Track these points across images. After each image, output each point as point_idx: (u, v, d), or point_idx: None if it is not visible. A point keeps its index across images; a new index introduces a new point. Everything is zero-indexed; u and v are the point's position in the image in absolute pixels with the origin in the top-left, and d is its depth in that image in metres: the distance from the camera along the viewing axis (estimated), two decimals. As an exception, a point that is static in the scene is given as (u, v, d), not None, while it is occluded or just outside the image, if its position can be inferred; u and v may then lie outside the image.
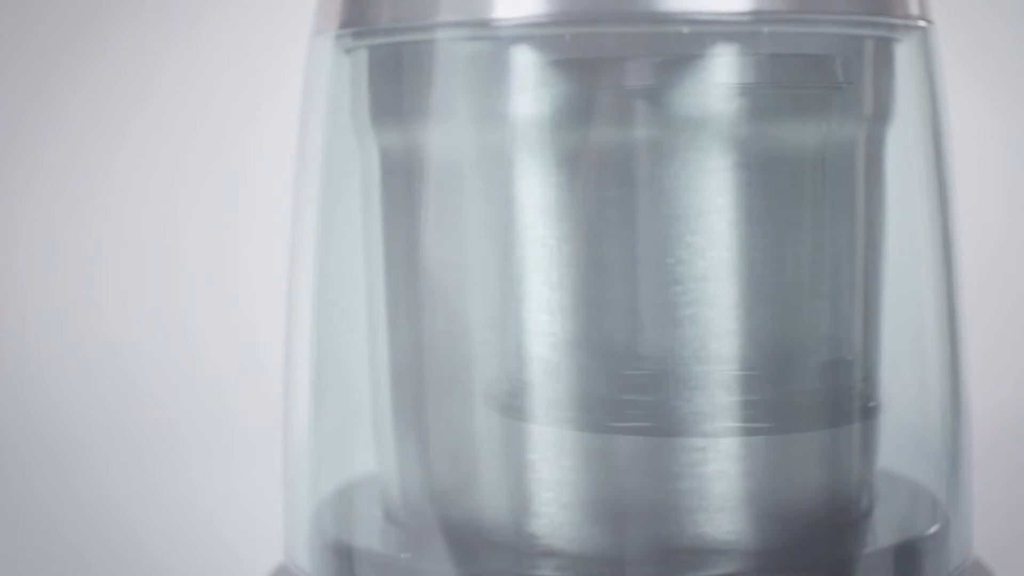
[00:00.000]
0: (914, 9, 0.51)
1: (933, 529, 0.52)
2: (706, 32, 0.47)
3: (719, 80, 0.47)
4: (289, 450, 0.55)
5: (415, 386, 0.51)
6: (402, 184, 0.50)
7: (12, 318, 0.90)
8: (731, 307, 0.48)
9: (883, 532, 0.52)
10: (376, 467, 0.54)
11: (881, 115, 0.51)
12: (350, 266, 0.53)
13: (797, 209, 0.49)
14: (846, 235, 0.50)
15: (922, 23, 0.52)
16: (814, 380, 0.50)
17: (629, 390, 0.48)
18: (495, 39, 0.48)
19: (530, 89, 0.47)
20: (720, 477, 0.49)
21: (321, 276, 0.54)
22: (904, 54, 0.52)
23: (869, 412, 0.52)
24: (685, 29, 0.47)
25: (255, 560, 0.60)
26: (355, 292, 0.53)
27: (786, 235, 0.49)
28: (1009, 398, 0.89)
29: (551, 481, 0.49)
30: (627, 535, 0.49)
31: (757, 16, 0.47)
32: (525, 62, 0.48)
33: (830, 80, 0.49)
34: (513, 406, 0.49)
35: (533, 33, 0.47)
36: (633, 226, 0.48)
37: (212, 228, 0.92)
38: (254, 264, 0.87)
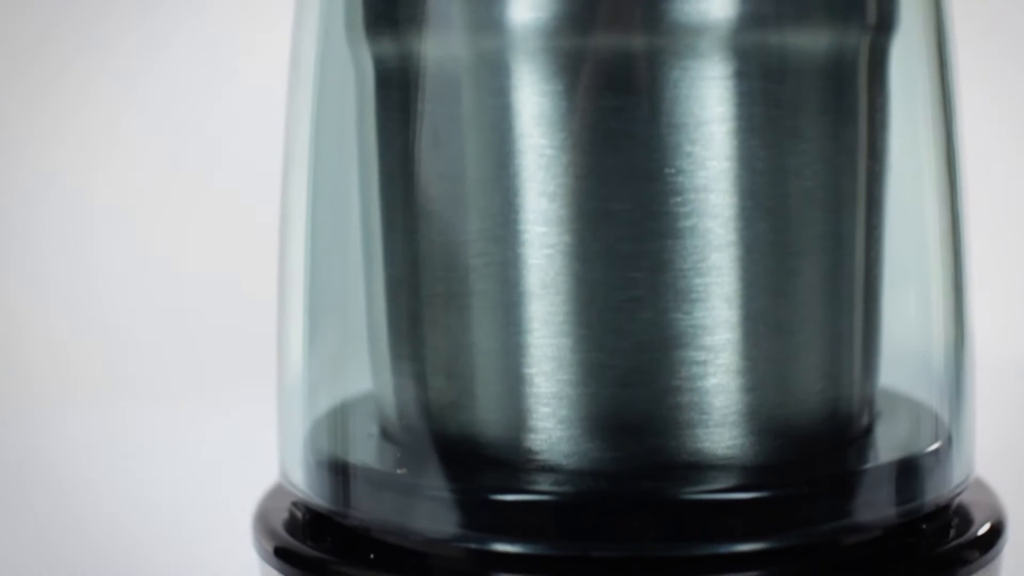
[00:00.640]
0: None
1: (935, 446, 0.51)
2: None
3: None
4: (283, 368, 0.54)
5: (411, 301, 0.50)
6: (397, 95, 0.50)
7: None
8: (731, 218, 0.47)
9: (884, 449, 0.51)
10: (372, 385, 0.54)
11: (885, 25, 0.50)
12: (345, 179, 0.52)
13: (799, 119, 0.48)
14: (848, 146, 0.49)
15: None
16: (814, 293, 0.49)
17: (628, 303, 0.48)
18: None
19: (528, -5, 0.47)
20: (720, 391, 0.48)
21: (315, 190, 0.53)
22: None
23: (871, 325, 0.51)
24: None
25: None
26: (350, 206, 0.52)
27: (787, 145, 0.48)
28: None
29: (548, 395, 0.48)
30: (625, 450, 0.48)
31: None
32: (522, -32, 0.47)
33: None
34: (509, 320, 0.48)
35: None
36: (632, 136, 0.47)
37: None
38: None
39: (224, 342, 0.91)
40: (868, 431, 0.52)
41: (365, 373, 0.54)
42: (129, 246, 0.93)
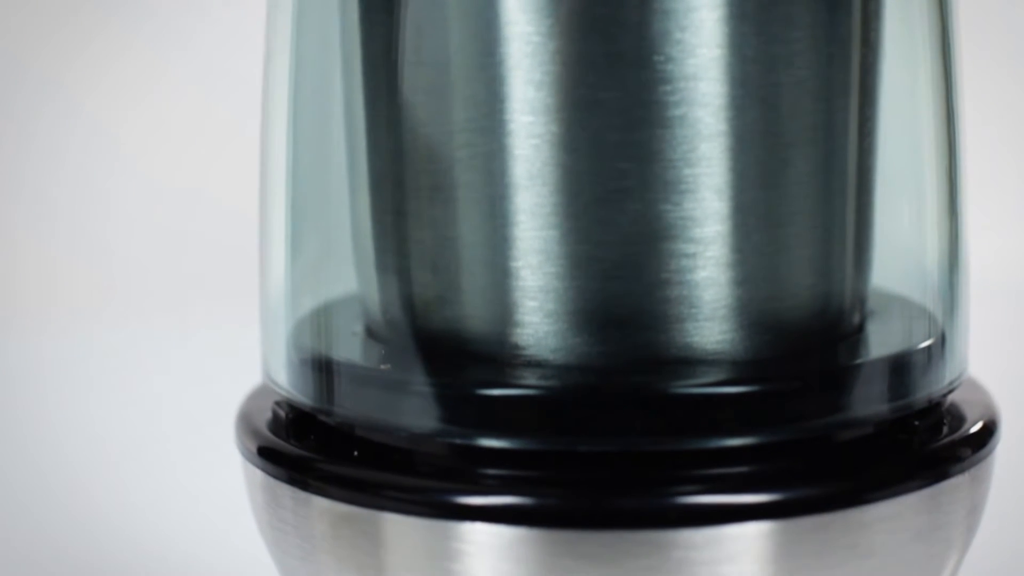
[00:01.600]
0: None
1: (927, 343, 0.50)
2: None
3: None
4: (266, 269, 0.54)
5: (395, 194, 0.49)
6: (380, -20, 0.48)
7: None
8: (722, 107, 0.46)
9: (876, 345, 0.50)
10: (356, 285, 0.53)
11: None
12: (326, 69, 0.51)
13: (791, 6, 0.47)
14: (842, 35, 0.48)
15: None
16: (806, 185, 0.48)
17: (616, 194, 0.47)
18: None
19: None
20: (709, 285, 0.47)
21: (296, 83, 0.52)
22: None
23: (863, 219, 0.50)
24: None
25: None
26: (332, 99, 0.51)
27: (779, 33, 0.47)
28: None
29: (534, 289, 0.48)
30: (613, 345, 0.47)
31: None
32: None
33: None
34: (495, 212, 0.47)
35: None
36: (621, 22, 0.46)
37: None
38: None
39: (221, 259, 0.91)
40: (860, 328, 0.51)
41: (350, 274, 0.53)
42: (134, 169, 0.93)
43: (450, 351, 0.49)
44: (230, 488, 0.57)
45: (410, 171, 0.49)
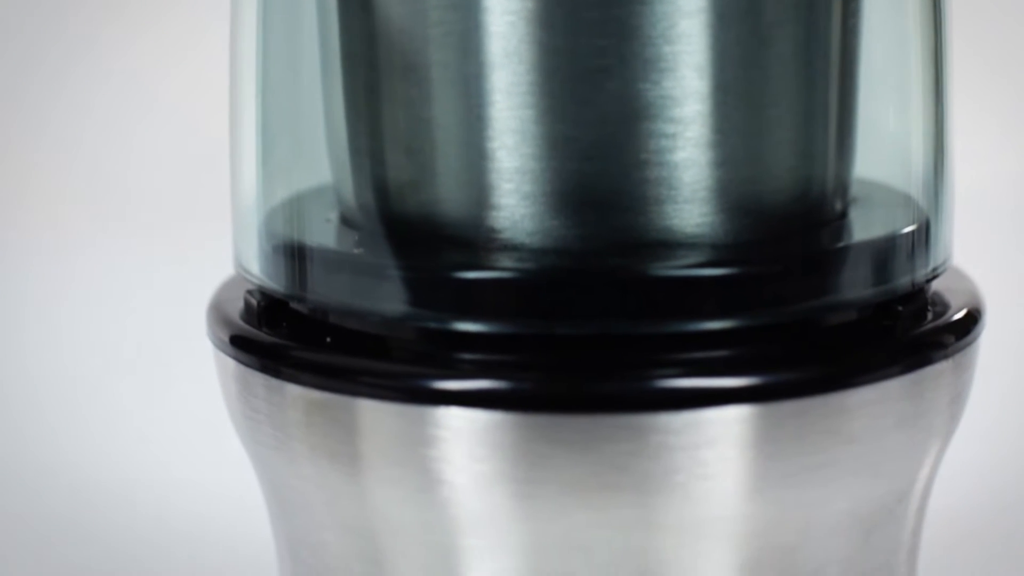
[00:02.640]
0: None
1: (910, 228, 0.50)
2: None
3: None
4: (237, 156, 0.52)
5: (368, 75, 0.48)
6: None
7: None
8: None
9: (859, 230, 0.49)
10: (330, 175, 0.52)
11: None
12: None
13: None
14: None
15: None
16: (789, 65, 0.47)
17: (594, 72, 0.46)
18: None
19: None
20: (689, 166, 0.46)
21: None
22: None
23: (846, 102, 0.49)
24: None
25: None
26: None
27: (761, -94, 0.46)
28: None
29: (511, 171, 0.46)
30: (591, 227, 0.46)
31: None
32: None
33: None
34: (470, 92, 0.46)
35: None
36: None
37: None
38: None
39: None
40: (843, 214, 0.50)
41: (323, 164, 0.52)
42: (167, 119, 0.91)
43: (425, 235, 0.48)
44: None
45: (383, 51, 0.48)
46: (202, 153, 0.82)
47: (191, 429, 0.79)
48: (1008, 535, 0.72)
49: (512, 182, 0.47)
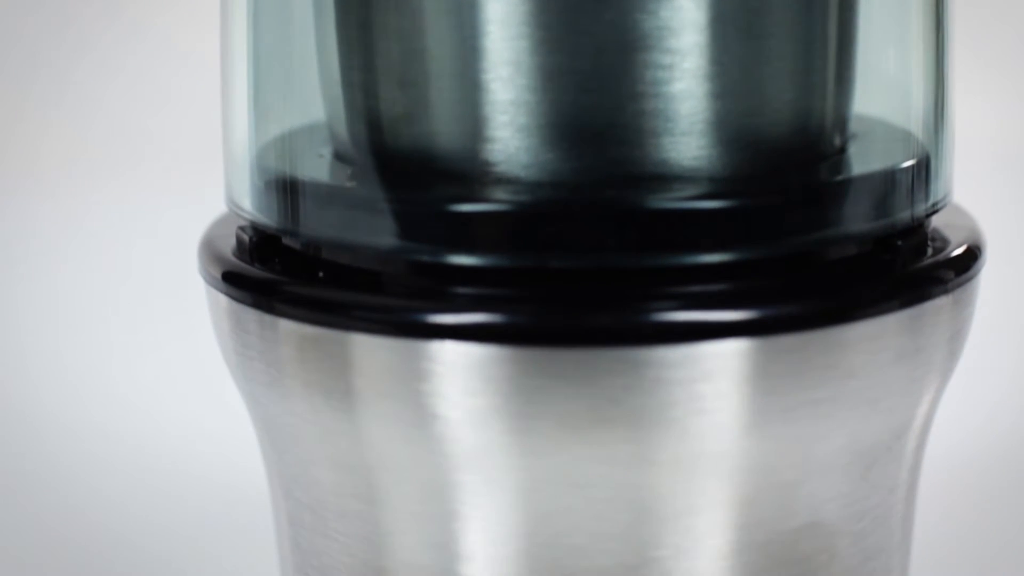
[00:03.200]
0: None
1: (909, 163, 0.49)
2: None
3: None
4: (229, 91, 0.52)
5: (360, 6, 0.47)
6: None
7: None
8: None
9: (858, 164, 0.49)
10: (323, 111, 0.51)
11: None
12: None
13: None
14: None
15: None
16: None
17: (590, 1, 0.45)
18: None
19: None
20: (686, 98, 0.46)
21: None
22: None
23: (846, 34, 0.48)
24: None
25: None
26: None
27: None
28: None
29: (505, 103, 0.46)
30: (587, 160, 0.46)
31: None
32: None
33: None
34: (464, 22, 0.46)
35: None
36: None
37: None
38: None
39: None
40: (842, 150, 0.50)
41: (316, 101, 0.51)
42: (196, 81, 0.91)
43: (419, 169, 0.47)
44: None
45: None
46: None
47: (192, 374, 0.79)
48: (1006, 483, 0.72)
49: (507, 114, 0.46)
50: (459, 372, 0.45)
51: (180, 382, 0.79)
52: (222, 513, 0.71)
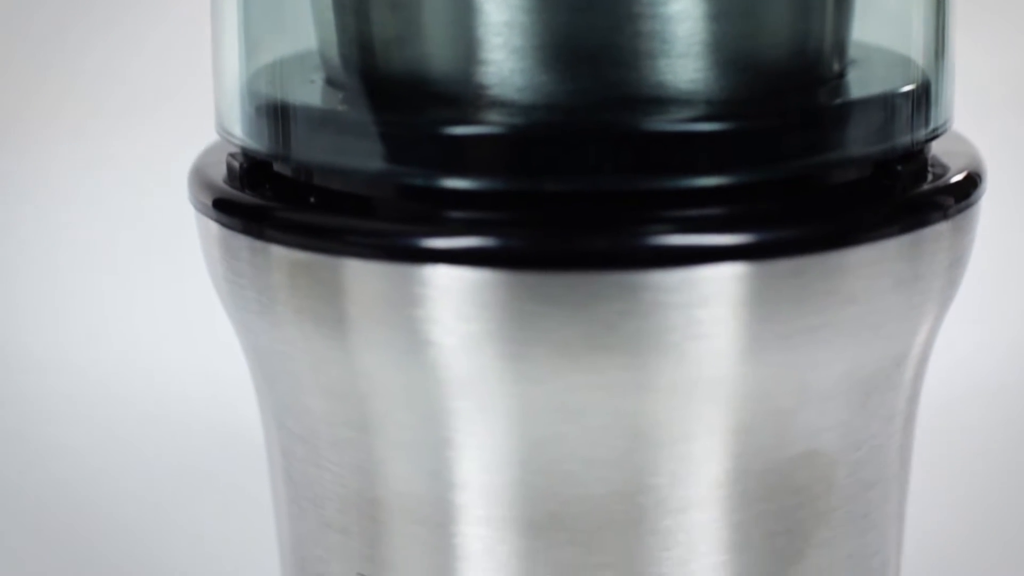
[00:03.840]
0: None
1: (909, 87, 0.48)
2: None
3: None
4: (219, 15, 0.51)
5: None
6: None
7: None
8: None
9: (856, 88, 0.48)
10: (314, 38, 0.50)
11: None
12: None
13: None
14: None
15: None
16: None
17: None
18: None
19: None
20: (683, 19, 0.45)
21: None
22: None
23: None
24: None
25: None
26: None
27: None
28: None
29: (499, 24, 0.45)
30: (582, 82, 0.45)
31: None
32: None
33: None
34: None
35: None
36: None
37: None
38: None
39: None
40: (841, 74, 0.49)
41: (307, 28, 0.51)
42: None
43: (412, 92, 0.46)
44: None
45: None
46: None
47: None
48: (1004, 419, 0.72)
49: (501, 36, 0.45)
50: (452, 297, 0.44)
51: (175, 320, 0.78)
52: (217, 449, 0.71)
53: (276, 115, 0.48)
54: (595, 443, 0.45)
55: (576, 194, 0.44)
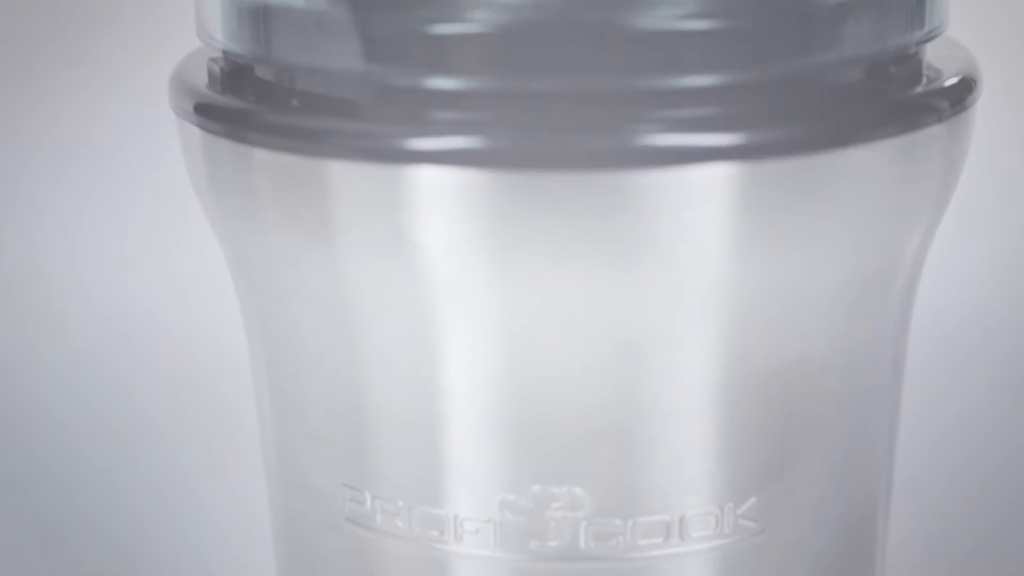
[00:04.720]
0: None
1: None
2: None
3: None
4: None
5: None
6: None
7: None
8: None
9: None
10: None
11: None
12: None
13: None
14: None
15: None
16: None
17: None
18: None
19: None
20: None
21: None
22: None
23: None
24: None
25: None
26: None
27: None
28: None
29: (486, -80, 0.44)
30: None
31: None
32: None
33: None
34: None
35: None
36: None
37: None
38: None
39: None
40: None
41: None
42: None
43: None
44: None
45: None
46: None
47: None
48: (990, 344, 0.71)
49: None
50: (438, 198, 0.44)
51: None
52: (205, 366, 0.71)
53: (258, 17, 0.47)
54: (582, 348, 0.45)
55: (563, 94, 0.43)
